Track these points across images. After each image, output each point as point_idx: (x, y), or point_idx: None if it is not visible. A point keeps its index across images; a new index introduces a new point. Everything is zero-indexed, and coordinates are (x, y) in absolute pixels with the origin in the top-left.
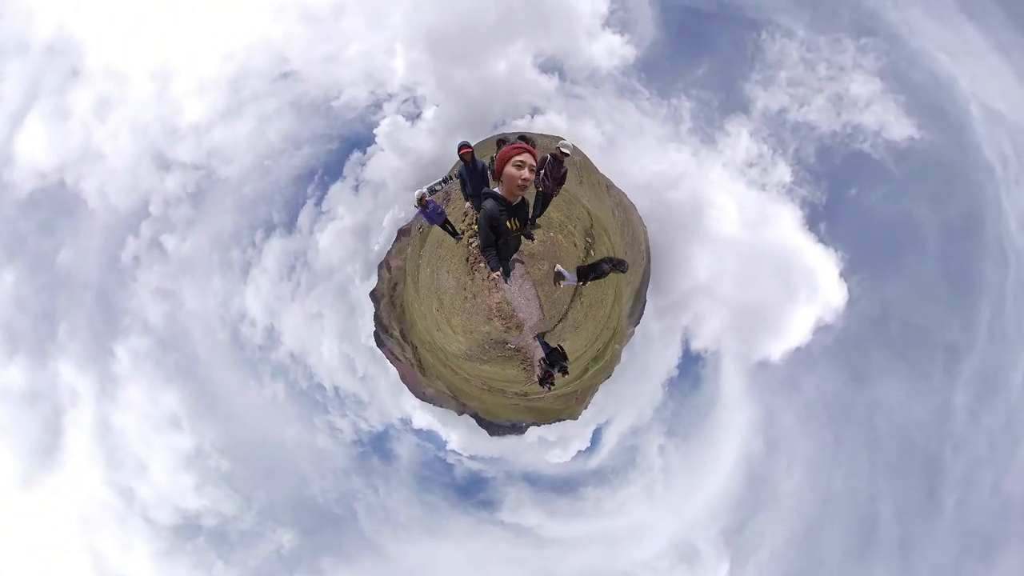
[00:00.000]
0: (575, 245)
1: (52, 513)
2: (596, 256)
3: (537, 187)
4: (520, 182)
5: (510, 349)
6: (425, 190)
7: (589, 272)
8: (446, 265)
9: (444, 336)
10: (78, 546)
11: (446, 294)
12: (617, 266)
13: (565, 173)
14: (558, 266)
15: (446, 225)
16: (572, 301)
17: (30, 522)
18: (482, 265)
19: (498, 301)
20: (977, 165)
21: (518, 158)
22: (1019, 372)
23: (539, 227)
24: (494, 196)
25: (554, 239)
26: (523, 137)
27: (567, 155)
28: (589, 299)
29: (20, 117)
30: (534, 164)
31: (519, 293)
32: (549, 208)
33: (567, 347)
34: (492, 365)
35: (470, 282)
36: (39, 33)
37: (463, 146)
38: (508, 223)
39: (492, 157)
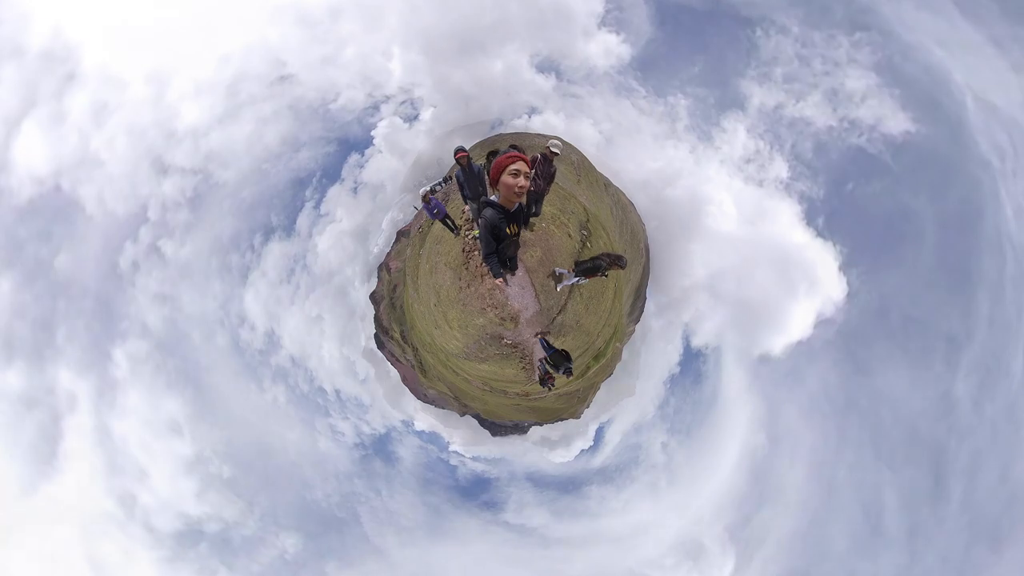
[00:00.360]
0: (569, 236)
1: (52, 521)
2: (593, 250)
3: (529, 187)
4: (517, 190)
5: (507, 345)
6: (428, 188)
7: (586, 265)
8: (444, 259)
9: (442, 334)
10: (79, 554)
11: (443, 287)
12: (615, 261)
13: (555, 171)
14: (556, 269)
15: (446, 220)
16: (570, 294)
17: (29, 530)
18: (476, 254)
19: (490, 288)
20: (974, 158)
21: (513, 167)
22: (1020, 361)
23: (533, 227)
24: (492, 205)
25: (546, 229)
26: (514, 146)
27: (556, 154)
28: (588, 294)
29: (16, 123)
30: (528, 171)
31: (512, 281)
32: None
33: (567, 345)
34: (491, 364)
35: (465, 271)
36: (35, 38)
37: (459, 150)
38: (507, 229)
39: (488, 157)
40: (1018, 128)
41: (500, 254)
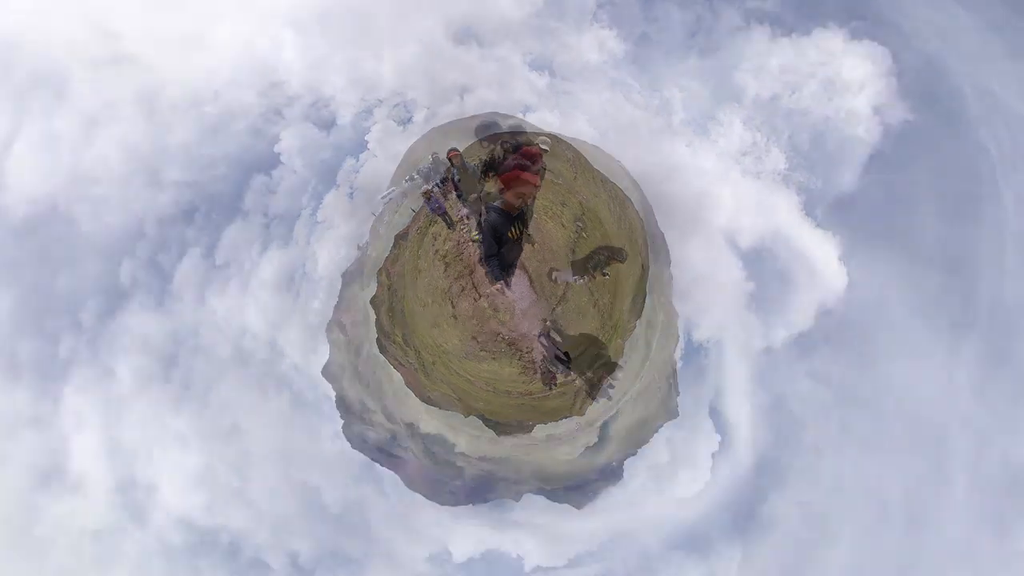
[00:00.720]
0: (563, 226)
1: (62, 539)
2: (590, 243)
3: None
4: (519, 205)
5: (504, 341)
6: (429, 187)
7: (586, 263)
8: (440, 255)
9: (441, 333)
10: (92, 573)
11: (438, 281)
12: (614, 255)
13: (544, 168)
14: (559, 269)
15: (445, 216)
16: (568, 289)
17: (39, 551)
18: (471, 245)
19: (481, 276)
20: (972, 146)
21: (520, 190)
22: (1020, 348)
23: (530, 237)
24: (496, 210)
25: (539, 220)
26: (522, 153)
27: (545, 151)
28: (587, 290)
29: (8, 143)
30: (534, 188)
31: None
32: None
33: (567, 342)
34: (490, 363)
35: (458, 262)
36: (23, 56)
37: (451, 150)
38: (509, 232)
39: (481, 159)
40: (1017, 117)
41: (501, 257)
